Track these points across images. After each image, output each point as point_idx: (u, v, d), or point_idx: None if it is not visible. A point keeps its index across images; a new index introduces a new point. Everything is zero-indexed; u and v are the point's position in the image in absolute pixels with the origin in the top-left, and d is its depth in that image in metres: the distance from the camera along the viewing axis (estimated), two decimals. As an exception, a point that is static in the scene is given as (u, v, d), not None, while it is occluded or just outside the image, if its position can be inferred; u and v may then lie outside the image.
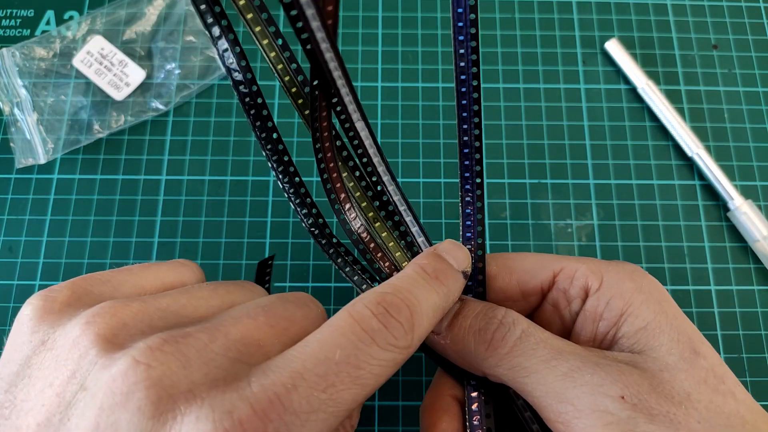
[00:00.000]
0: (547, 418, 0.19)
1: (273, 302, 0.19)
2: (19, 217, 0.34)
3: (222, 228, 0.34)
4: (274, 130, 0.21)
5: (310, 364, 0.16)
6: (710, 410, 0.18)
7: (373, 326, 0.17)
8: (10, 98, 0.36)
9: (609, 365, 0.19)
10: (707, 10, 0.40)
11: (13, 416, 0.16)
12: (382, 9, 0.39)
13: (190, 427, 0.14)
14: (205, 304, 0.19)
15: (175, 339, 0.16)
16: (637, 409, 0.17)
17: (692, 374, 0.19)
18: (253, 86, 0.20)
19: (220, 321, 0.17)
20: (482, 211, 0.22)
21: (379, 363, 0.17)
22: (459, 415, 0.22)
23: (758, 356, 0.32)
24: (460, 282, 0.21)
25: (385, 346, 0.17)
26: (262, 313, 0.18)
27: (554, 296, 0.22)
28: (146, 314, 0.17)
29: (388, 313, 0.17)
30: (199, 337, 0.16)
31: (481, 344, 0.20)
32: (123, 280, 0.20)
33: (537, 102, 0.37)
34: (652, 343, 0.19)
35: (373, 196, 0.24)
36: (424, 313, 0.18)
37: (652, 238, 0.35)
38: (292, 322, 0.18)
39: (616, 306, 0.20)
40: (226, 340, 0.16)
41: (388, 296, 0.18)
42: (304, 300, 0.20)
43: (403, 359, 0.18)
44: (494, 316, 0.21)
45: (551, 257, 0.23)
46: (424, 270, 0.20)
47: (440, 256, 0.21)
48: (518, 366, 0.19)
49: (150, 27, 0.38)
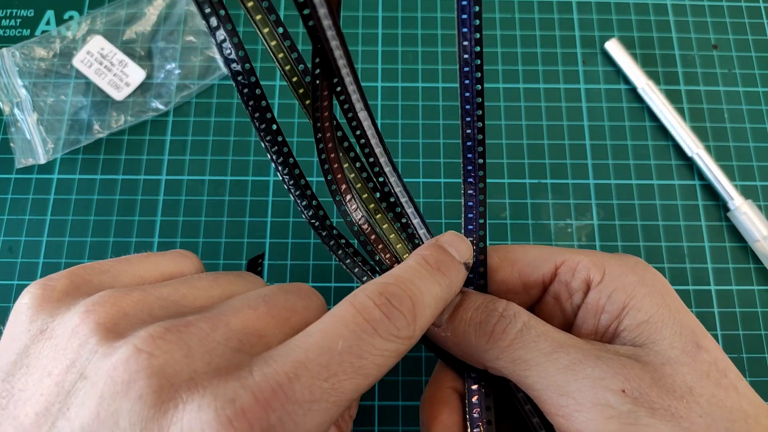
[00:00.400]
0: (548, 411, 0.19)
1: (274, 292, 0.19)
2: (19, 217, 0.34)
3: (222, 228, 0.34)
4: (273, 122, 0.21)
5: (312, 353, 0.16)
6: (712, 404, 0.18)
7: (376, 316, 0.17)
8: (10, 98, 0.36)
9: (610, 358, 0.18)
10: (707, 10, 0.40)
11: (11, 406, 0.15)
12: (382, 9, 0.39)
13: (192, 416, 0.14)
14: (205, 294, 0.19)
15: (177, 328, 0.16)
16: (639, 402, 0.17)
17: (694, 368, 0.18)
18: (251, 77, 0.20)
19: (220, 310, 0.17)
20: (484, 203, 0.22)
21: (381, 353, 0.17)
22: (459, 408, 0.22)
23: (758, 356, 0.32)
24: (462, 273, 0.21)
25: (387, 336, 0.17)
26: (262, 303, 0.18)
27: (556, 289, 0.22)
28: (147, 303, 0.17)
29: (390, 303, 0.17)
30: (201, 326, 0.16)
31: (482, 337, 0.20)
32: (122, 269, 0.19)
33: (537, 102, 0.37)
34: (655, 337, 0.19)
35: (374, 188, 0.24)
36: (426, 304, 0.18)
37: (652, 238, 0.35)
38: (293, 312, 0.18)
39: (619, 299, 0.20)
40: (227, 330, 0.16)
41: (390, 287, 0.18)
42: (305, 291, 0.20)
43: (405, 350, 0.18)
44: (495, 309, 0.21)
45: (553, 249, 0.23)
46: (426, 261, 0.20)
47: (442, 248, 0.21)
48: (519, 359, 0.19)
49: (150, 27, 0.38)
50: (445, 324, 0.21)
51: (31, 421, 0.15)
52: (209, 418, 0.14)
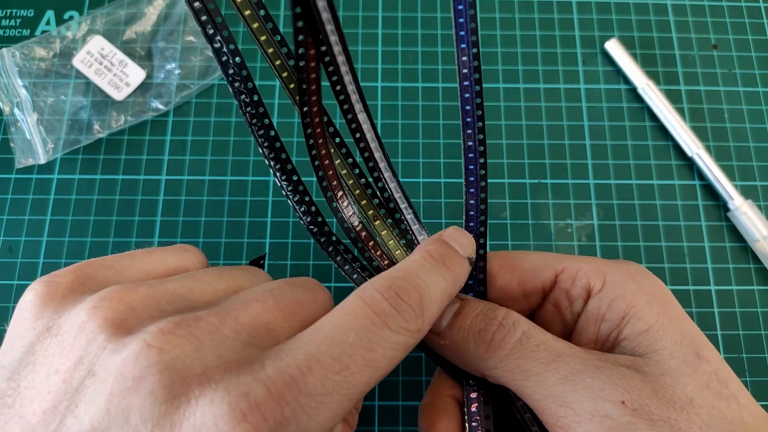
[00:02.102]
0: (547, 421, 0.19)
1: (281, 286, 0.19)
2: (19, 217, 0.34)
3: (222, 228, 0.34)
4: (271, 128, 0.21)
5: (324, 346, 0.16)
6: (713, 416, 0.18)
7: (385, 309, 0.17)
8: (10, 98, 0.36)
9: (610, 369, 0.18)
10: (707, 10, 0.40)
11: (17, 404, 0.15)
12: (382, 9, 0.39)
13: (205, 410, 0.14)
14: (211, 288, 0.19)
15: (186, 322, 0.15)
16: (638, 414, 0.17)
17: (695, 378, 0.18)
18: (249, 83, 0.20)
19: (228, 305, 0.17)
20: (485, 212, 0.22)
21: (391, 346, 0.17)
22: (458, 416, 0.22)
23: (758, 356, 0.32)
24: (466, 268, 0.20)
25: (396, 329, 0.17)
26: (270, 297, 0.18)
27: (556, 296, 0.22)
28: (154, 298, 0.17)
29: (399, 296, 0.17)
30: (210, 320, 0.16)
31: (481, 345, 0.20)
32: (126, 265, 0.19)
33: (537, 102, 0.37)
34: (655, 346, 0.19)
35: (373, 194, 0.24)
36: (433, 298, 0.18)
37: (652, 238, 0.34)
38: (300, 306, 0.18)
39: (619, 308, 0.20)
40: (236, 324, 0.16)
41: (398, 281, 0.18)
42: (311, 284, 0.20)
43: (414, 343, 0.18)
44: (494, 317, 0.20)
45: (553, 256, 0.23)
46: (431, 255, 0.20)
47: (446, 242, 0.20)
48: (518, 368, 0.19)
49: (150, 27, 0.38)
50: (444, 331, 0.21)
51: (39, 420, 0.15)
52: (222, 412, 0.14)
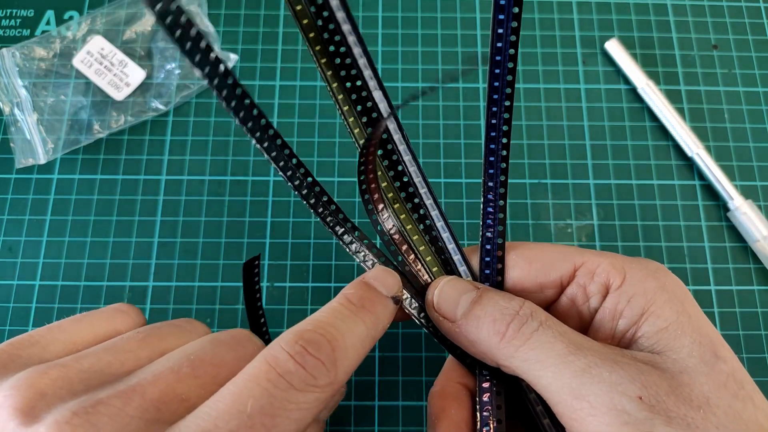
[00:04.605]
0: (561, 413, 0.19)
1: (202, 348, 0.18)
2: (19, 217, 0.34)
3: (222, 228, 0.34)
4: (246, 97, 0.20)
5: (221, 420, 0.15)
6: (729, 416, 0.18)
7: (290, 369, 0.16)
8: (10, 98, 0.36)
9: (628, 364, 0.18)
10: (707, 10, 0.40)
11: None
12: (382, 9, 0.39)
13: None
14: (133, 357, 0.18)
15: (84, 410, 0.15)
16: (655, 410, 0.17)
17: (712, 378, 0.18)
18: (229, 79, 0.20)
19: (139, 380, 0.17)
20: (504, 197, 0.22)
21: (299, 406, 0.16)
22: (468, 404, 0.22)
23: (758, 356, 0.32)
24: (389, 308, 0.20)
25: (303, 387, 0.16)
26: (186, 364, 0.17)
27: (573, 291, 0.22)
28: (66, 380, 0.17)
29: (306, 351, 0.17)
30: (112, 403, 0.16)
31: (497, 335, 0.20)
32: (52, 338, 0.19)
33: (537, 102, 0.37)
34: (673, 345, 0.19)
35: (409, 202, 0.24)
36: (349, 346, 0.18)
37: (652, 238, 0.34)
38: (221, 367, 0.18)
39: (638, 304, 0.20)
40: (143, 401, 0.16)
41: (307, 333, 0.17)
42: (239, 338, 0.19)
43: (328, 396, 0.17)
44: (511, 307, 0.20)
45: (573, 249, 0.22)
46: (350, 300, 0.20)
47: (368, 284, 0.20)
48: (533, 359, 0.19)
49: (150, 27, 0.38)
50: (460, 320, 0.21)
51: None
52: None
